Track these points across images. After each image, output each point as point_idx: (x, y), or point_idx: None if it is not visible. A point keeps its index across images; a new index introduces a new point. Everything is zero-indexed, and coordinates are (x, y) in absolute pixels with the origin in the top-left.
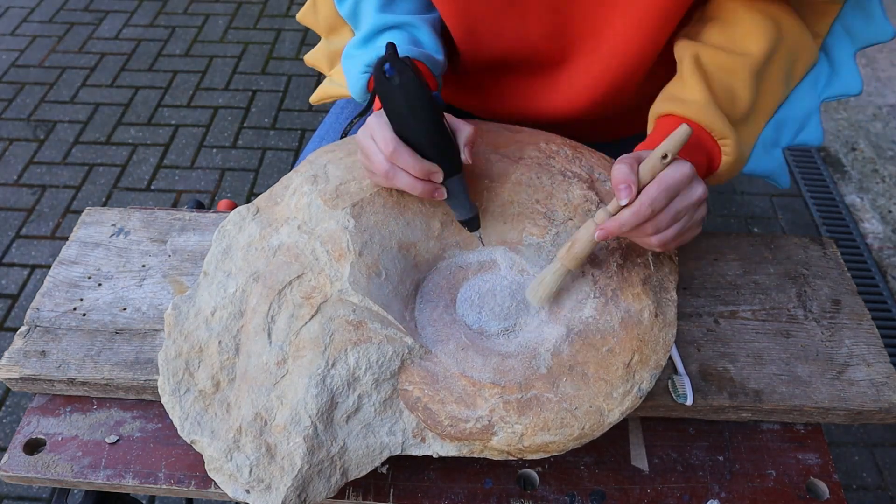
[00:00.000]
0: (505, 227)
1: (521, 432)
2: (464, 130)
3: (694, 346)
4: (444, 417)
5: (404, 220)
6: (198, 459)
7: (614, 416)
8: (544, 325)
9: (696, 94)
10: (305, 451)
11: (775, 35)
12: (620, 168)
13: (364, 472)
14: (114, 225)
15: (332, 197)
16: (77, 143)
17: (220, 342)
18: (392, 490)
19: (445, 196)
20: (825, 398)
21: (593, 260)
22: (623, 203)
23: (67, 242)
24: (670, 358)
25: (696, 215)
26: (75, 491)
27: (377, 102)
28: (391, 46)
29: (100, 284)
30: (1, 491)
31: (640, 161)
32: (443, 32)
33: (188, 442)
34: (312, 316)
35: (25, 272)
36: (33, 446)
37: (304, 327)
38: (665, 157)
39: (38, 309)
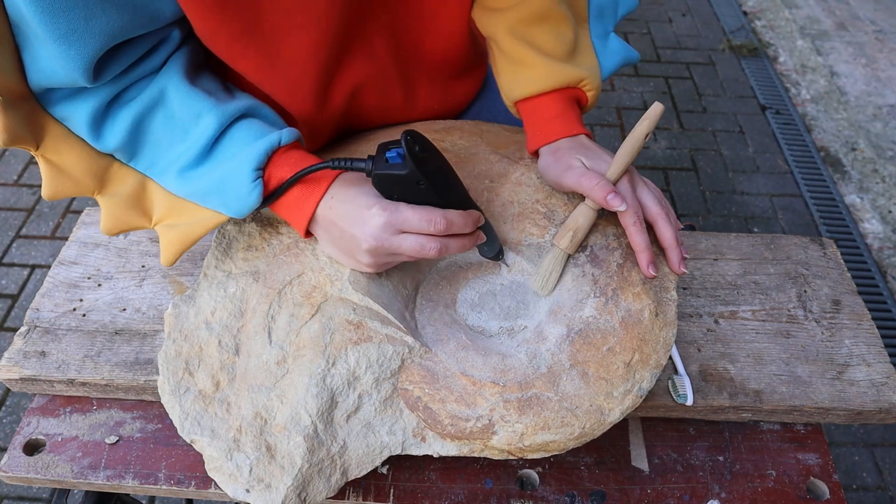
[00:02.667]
0: (505, 227)
1: (521, 431)
2: None
3: (694, 346)
4: (444, 417)
5: None
6: (198, 460)
7: (615, 416)
8: (544, 325)
9: (534, 66)
10: (305, 451)
11: None
12: (602, 185)
13: (364, 472)
14: None
15: None
16: None
17: (220, 342)
18: (392, 490)
19: (484, 238)
20: (825, 398)
21: (593, 259)
22: (622, 208)
23: (67, 243)
24: (670, 358)
25: (643, 182)
26: (75, 491)
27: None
28: (382, 148)
29: (99, 285)
30: (1, 491)
31: (598, 173)
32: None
33: (188, 442)
34: (312, 315)
35: (25, 272)
36: (33, 447)
37: (304, 327)
38: (647, 136)
39: (37, 309)
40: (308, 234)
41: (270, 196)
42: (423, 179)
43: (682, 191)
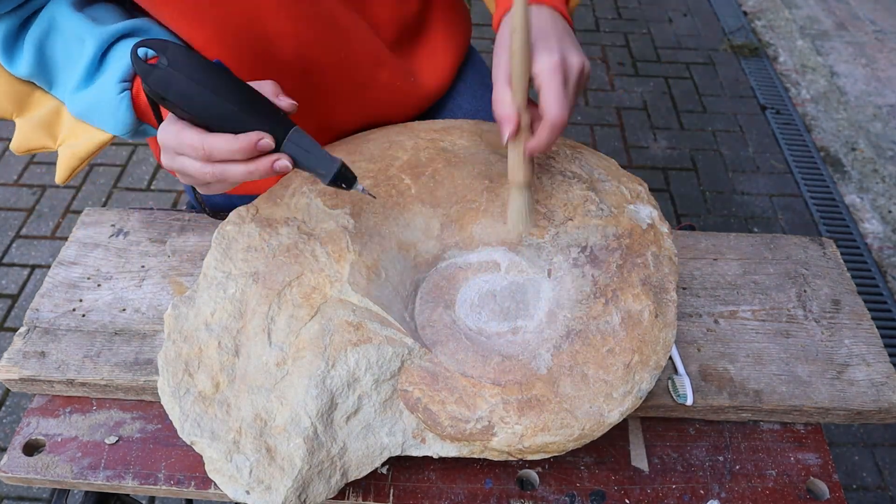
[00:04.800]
0: (505, 227)
1: (521, 433)
2: (263, 86)
3: (694, 346)
4: (444, 418)
5: (404, 221)
6: (197, 460)
7: (614, 417)
8: (544, 326)
9: None
10: (305, 452)
11: None
12: (500, 103)
13: (364, 473)
14: (113, 225)
15: (332, 197)
16: None
17: (219, 343)
18: (392, 490)
19: (289, 165)
20: (825, 398)
21: (593, 260)
22: (505, 139)
23: (67, 243)
24: (670, 358)
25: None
26: (75, 491)
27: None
28: (140, 42)
29: (99, 285)
30: (1, 491)
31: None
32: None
33: (188, 443)
34: (312, 317)
35: (25, 272)
36: (33, 447)
37: (303, 328)
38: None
39: (37, 309)
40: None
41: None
42: (163, 97)
43: (682, 191)
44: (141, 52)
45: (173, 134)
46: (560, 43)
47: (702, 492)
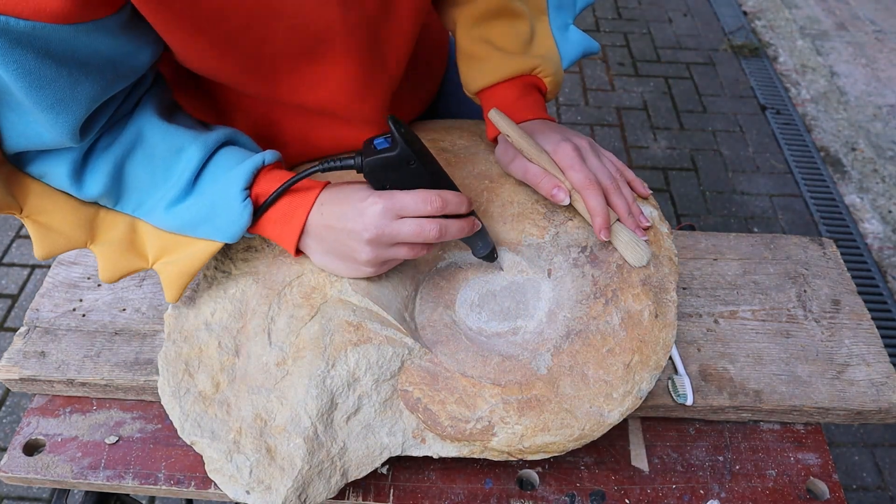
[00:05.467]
0: (505, 227)
1: (521, 433)
2: None
3: (694, 346)
4: (444, 418)
5: None
6: (197, 460)
7: (614, 417)
8: (544, 326)
9: (489, 59)
10: (305, 452)
11: None
12: (543, 181)
13: (364, 473)
14: None
15: None
16: None
17: (219, 343)
18: (392, 490)
19: (481, 226)
20: (825, 398)
21: (593, 260)
22: (566, 202)
23: None
24: (670, 358)
25: (603, 155)
26: (75, 491)
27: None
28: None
29: (99, 285)
30: (1, 491)
31: (535, 168)
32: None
33: (188, 443)
34: (312, 316)
35: (25, 272)
36: (33, 447)
37: (303, 328)
38: (508, 137)
39: (37, 309)
40: (298, 252)
41: (258, 211)
42: (414, 158)
43: (682, 191)
44: (378, 141)
45: (399, 199)
46: (562, 134)
47: (702, 492)
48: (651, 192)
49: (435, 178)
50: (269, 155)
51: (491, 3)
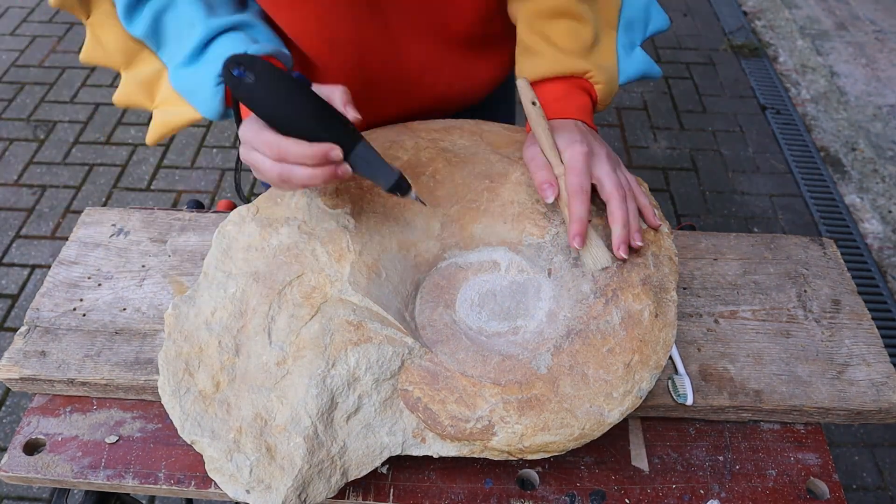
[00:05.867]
0: (505, 227)
1: (521, 432)
2: (334, 93)
3: (694, 346)
4: (444, 417)
5: (404, 220)
6: (198, 459)
7: (614, 417)
8: (544, 326)
9: (542, 54)
10: (305, 452)
11: None
12: (538, 173)
13: (364, 473)
14: (114, 225)
15: (332, 197)
16: (77, 143)
17: (220, 342)
18: (392, 490)
19: (350, 171)
20: (825, 398)
21: None
22: (549, 199)
23: (67, 242)
24: (670, 358)
25: (619, 169)
26: (75, 491)
27: (244, 110)
28: (232, 58)
29: (100, 284)
30: (1, 491)
31: (541, 158)
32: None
33: (188, 442)
34: (312, 316)
35: (25, 272)
36: (33, 446)
37: (304, 327)
38: (534, 103)
39: (37, 309)
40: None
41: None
42: (247, 104)
43: (682, 191)
44: (236, 71)
45: (254, 132)
46: (584, 137)
47: (702, 492)
48: (660, 223)
49: (281, 126)
50: (255, 48)
51: (556, 2)
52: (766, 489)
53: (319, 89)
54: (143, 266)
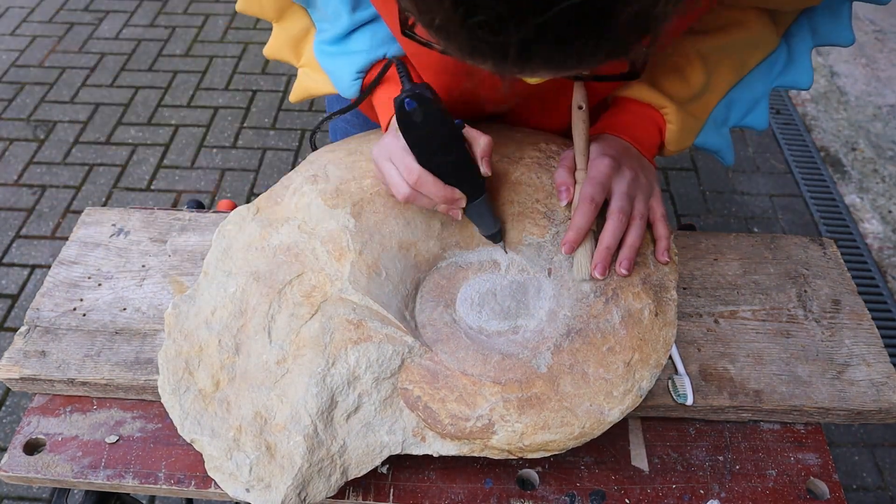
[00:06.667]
0: (505, 226)
1: (521, 431)
2: (479, 142)
3: (694, 346)
4: (444, 416)
5: (404, 220)
6: (198, 459)
7: (614, 415)
8: (544, 325)
9: (637, 84)
10: (305, 450)
11: (736, 29)
12: (559, 172)
13: (364, 472)
14: (114, 225)
15: (333, 197)
16: (77, 143)
17: (220, 341)
18: (392, 490)
19: (460, 217)
20: (825, 398)
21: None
22: (563, 203)
23: (67, 242)
24: (670, 358)
25: (642, 196)
26: (75, 491)
27: (381, 119)
28: (413, 86)
29: (100, 284)
30: (1, 491)
31: (570, 160)
32: None
33: (188, 441)
34: (312, 315)
35: (25, 272)
36: (33, 446)
37: (304, 326)
38: (580, 107)
39: (38, 309)
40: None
41: (364, 95)
42: (403, 135)
43: (682, 191)
44: (407, 100)
45: (398, 149)
46: (619, 152)
47: (702, 492)
48: (669, 260)
49: (426, 160)
50: (392, 49)
51: (677, 60)
52: (766, 489)
53: (469, 132)
54: (143, 266)
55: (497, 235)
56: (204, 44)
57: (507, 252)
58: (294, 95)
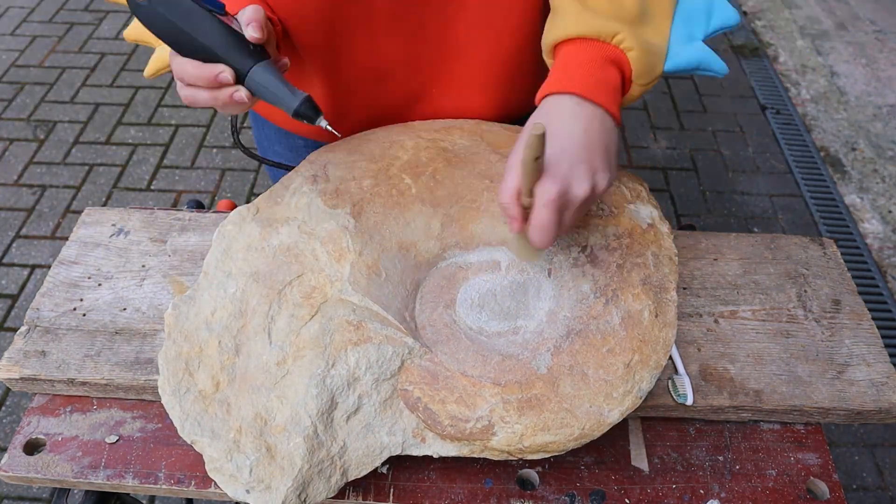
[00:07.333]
0: (505, 227)
1: (521, 432)
2: (245, 12)
3: (694, 346)
4: (444, 417)
5: (404, 220)
6: (198, 459)
7: (614, 417)
8: (544, 326)
9: (568, 12)
10: (305, 452)
11: None
12: (503, 198)
13: (364, 473)
14: (114, 225)
15: (332, 197)
16: (77, 143)
17: (220, 342)
18: (392, 490)
19: (245, 97)
20: (825, 398)
21: (593, 260)
22: (513, 234)
23: (67, 242)
24: (670, 358)
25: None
26: (75, 491)
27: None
28: None
29: (100, 284)
30: (1, 491)
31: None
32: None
33: (189, 442)
34: (312, 316)
35: (25, 272)
36: (33, 446)
37: (304, 327)
38: (537, 158)
39: (38, 309)
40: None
41: None
42: (147, 27)
43: (681, 191)
44: None
45: (171, 58)
46: (571, 168)
47: (702, 492)
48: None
49: (179, 48)
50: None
51: None
52: (766, 489)
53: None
54: (143, 266)
55: (307, 106)
56: None
57: (337, 134)
58: (148, 70)
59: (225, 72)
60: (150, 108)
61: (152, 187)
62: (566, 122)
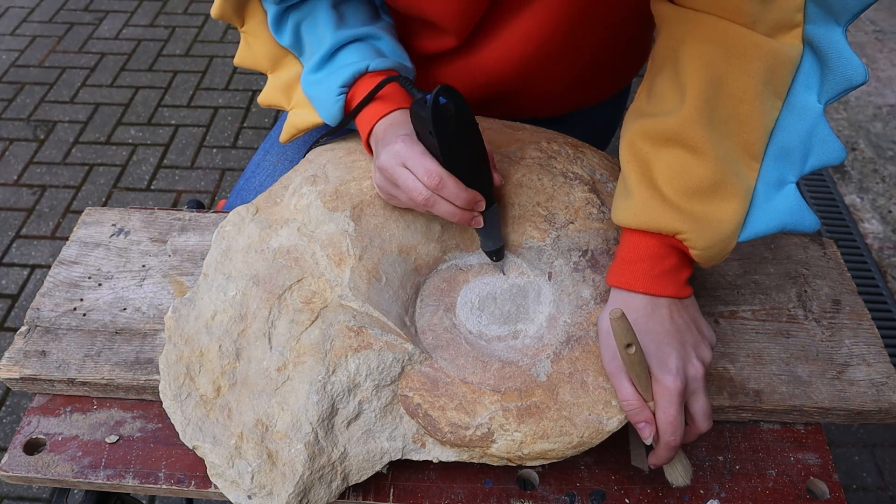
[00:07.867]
0: (505, 229)
1: (520, 440)
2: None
3: None
4: (444, 424)
5: (404, 223)
6: (198, 459)
7: (613, 425)
8: (544, 331)
9: (635, 193)
10: (306, 458)
11: (718, 59)
12: (627, 406)
13: (365, 477)
14: (114, 225)
15: (332, 198)
16: (77, 143)
17: (220, 346)
18: (392, 490)
19: (482, 225)
20: (825, 398)
21: (594, 265)
22: (648, 443)
23: (67, 242)
24: None
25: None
26: (75, 491)
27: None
28: (442, 87)
29: (100, 284)
30: (1, 491)
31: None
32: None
33: (190, 448)
34: (313, 321)
35: (25, 272)
36: (33, 446)
37: (304, 333)
38: (629, 346)
39: (38, 309)
40: (368, 147)
41: (353, 112)
42: (434, 131)
43: None
44: (441, 98)
45: (413, 153)
46: (677, 357)
47: (702, 492)
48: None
49: (454, 163)
50: (376, 63)
51: (668, 126)
52: (766, 489)
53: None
54: (144, 266)
55: (501, 252)
56: (204, 44)
57: (504, 273)
58: (283, 136)
59: (483, 202)
60: (150, 108)
61: (152, 187)
62: (650, 319)
